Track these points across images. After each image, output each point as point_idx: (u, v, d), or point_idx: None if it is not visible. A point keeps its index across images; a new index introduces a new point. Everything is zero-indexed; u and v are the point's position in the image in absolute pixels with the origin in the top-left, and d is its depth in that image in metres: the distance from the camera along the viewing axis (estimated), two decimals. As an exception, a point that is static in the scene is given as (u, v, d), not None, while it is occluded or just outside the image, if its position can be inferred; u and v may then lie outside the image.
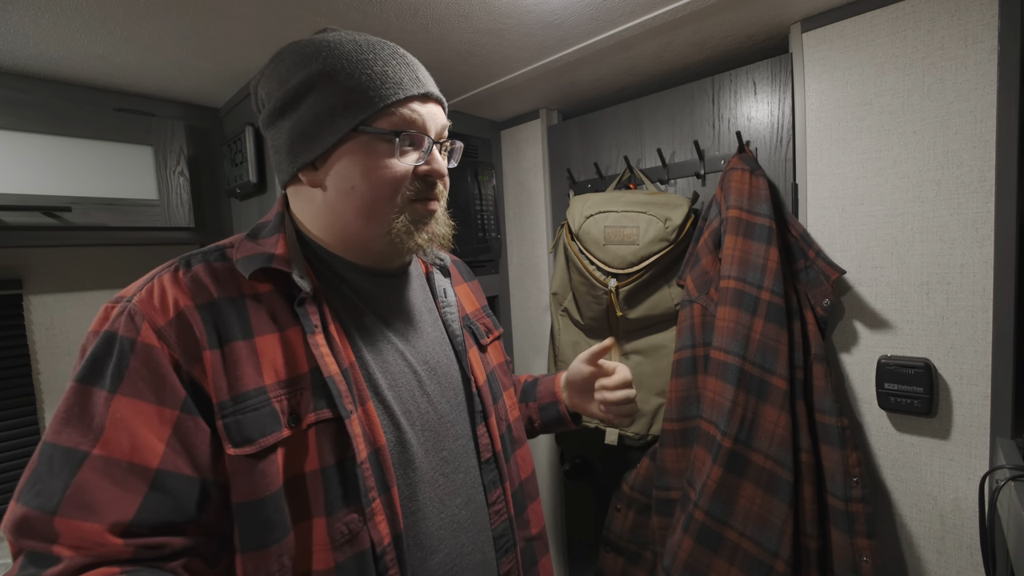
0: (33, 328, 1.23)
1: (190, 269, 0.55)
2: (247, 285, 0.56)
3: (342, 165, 0.58)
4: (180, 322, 0.51)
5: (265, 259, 0.56)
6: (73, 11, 0.83)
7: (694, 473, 0.96)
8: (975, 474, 0.86)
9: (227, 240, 0.62)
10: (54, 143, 1.06)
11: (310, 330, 0.56)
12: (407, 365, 0.65)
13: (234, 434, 0.50)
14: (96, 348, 0.49)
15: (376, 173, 0.58)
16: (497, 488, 0.69)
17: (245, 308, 0.55)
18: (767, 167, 1.07)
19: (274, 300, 0.57)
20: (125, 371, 0.48)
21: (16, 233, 1.01)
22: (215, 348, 0.52)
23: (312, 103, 0.57)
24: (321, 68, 0.56)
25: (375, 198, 0.59)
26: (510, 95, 1.36)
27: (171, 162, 1.22)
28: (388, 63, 0.58)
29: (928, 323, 0.90)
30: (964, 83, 0.83)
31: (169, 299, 0.52)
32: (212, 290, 0.54)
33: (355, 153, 0.58)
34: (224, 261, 0.58)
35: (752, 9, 0.96)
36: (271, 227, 0.62)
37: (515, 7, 0.91)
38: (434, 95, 0.62)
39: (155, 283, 0.53)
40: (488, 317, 0.83)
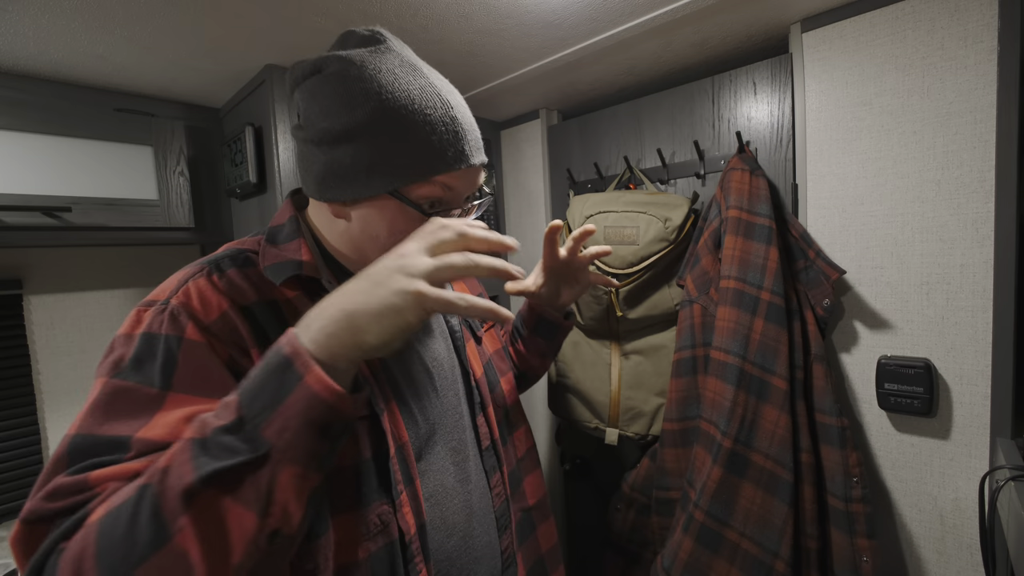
0: (33, 328, 1.23)
1: (224, 273, 0.55)
2: (278, 291, 0.57)
3: (370, 214, 0.58)
4: (225, 321, 0.52)
5: (294, 267, 0.57)
6: (73, 11, 0.83)
7: (694, 473, 0.96)
8: (975, 474, 0.86)
9: (243, 244, 0.61)
10: (54, 143, 1.06)
11: None
12: (421, 363, 0.67)
13: None
14: (138, 350, 0.48)
15: (402, 233, 0.56)
16: (496, 472, 0.73)
17: (281, 312, 0.56)
18: (767, 167, 1.07)
19: (305, 305, 0.57)
20: (174, 369, 0.48)
21: (16, 233, 1.01)
22: (262, 346, 0.52)
23: (352, 152, 0.55)
24: (368, 120, 0.54)
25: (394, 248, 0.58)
26: (510, 95, 1.36)
27: (171, 162, 1.22)
28: (435, 131, 0.55)
29: (928, 323, 0.90)
30: (964, 83, 0.83)
31: (211, 300, 0.52)
32: (249, 294, 0.55)
33: (385, 209, 0.57)
34: (252, 267, 0.58)
35: (752, 9, 0.96)
36: (288, 232, 0.62)
37: (515, 7, 0.91)
38: (478, 165, 0.60)
39: (191, 286, 0.53)
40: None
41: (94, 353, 1.31)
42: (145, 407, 0.46)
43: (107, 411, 0.46)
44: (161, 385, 0.47)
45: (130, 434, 0.45)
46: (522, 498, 0.78)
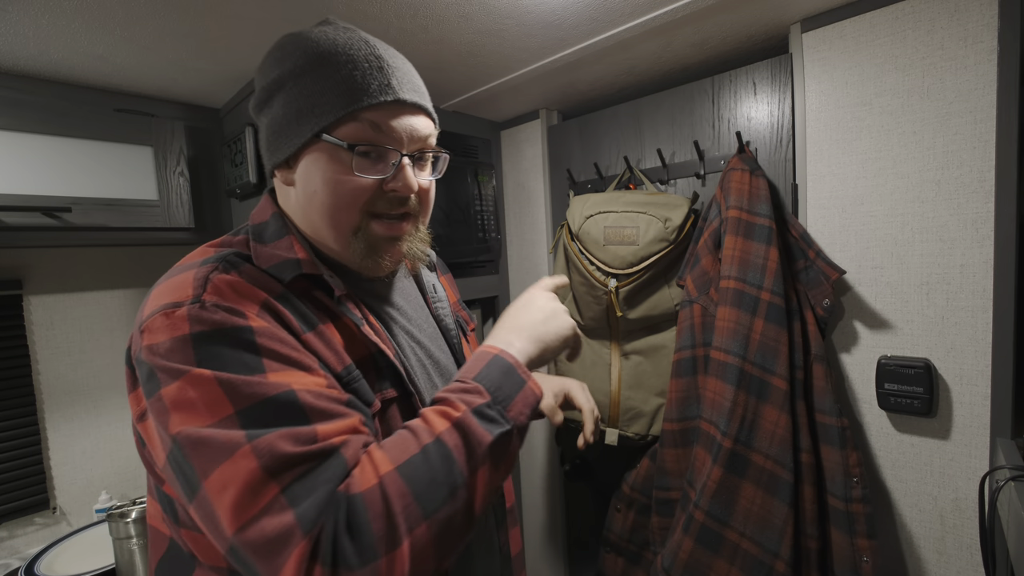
0: (33, 328, 1.23)
1: (239, 270, 0.53)
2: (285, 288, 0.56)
3: (306, 168, 0.57)
4: (270, 309, 0.51)
5: (295, 265, 0.56)
6: (73, 11, 0.83)
7: (694, 473, 0.96)
8: (975, 474, 0.86)
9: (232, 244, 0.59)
10: (54, 143, 1.06)
11: (359, 322, 0.57)
12: (426, 354, 0.68)
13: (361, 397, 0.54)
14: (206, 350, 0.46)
15: (335, 182, 0.56)
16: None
17: (296, 305, 0.55)
18: (767, 167, 1.07)
19: (310, 298, 0.57)
20: (261, 352, 0.47)
21: (16, 233, 1.01)
22: (310, 330, 0.53)
23: (283, 102, 0.56)
24: (293, 67, 0.55)
25: (335, 206, 0.57)
26: (510, 95, 1.36)
27: (171, 162, 1.22)
28: (358, 66, 0.55)
29: (928, 323, 0.90)
30: (964, 83, 0.83)
31: (245, 295, 0.51)
32: (272, 289, 0.54)
33: (318, 159, 0.56)
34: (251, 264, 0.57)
35: (752, 9, 0.96)
36: (274, 229, 0.60)
37: (515, 8, 0.91)
38: (410, 102, 0.58)
39: (215, 282, 0.50)
40: (464, 310, 0.86)
41: (94, 353, 1.31)
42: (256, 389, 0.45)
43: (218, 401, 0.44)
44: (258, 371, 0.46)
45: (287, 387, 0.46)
46: (501, 500, 0.78)
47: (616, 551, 1.20)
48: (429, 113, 0.62)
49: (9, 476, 1.18)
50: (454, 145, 1.45)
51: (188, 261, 0.56)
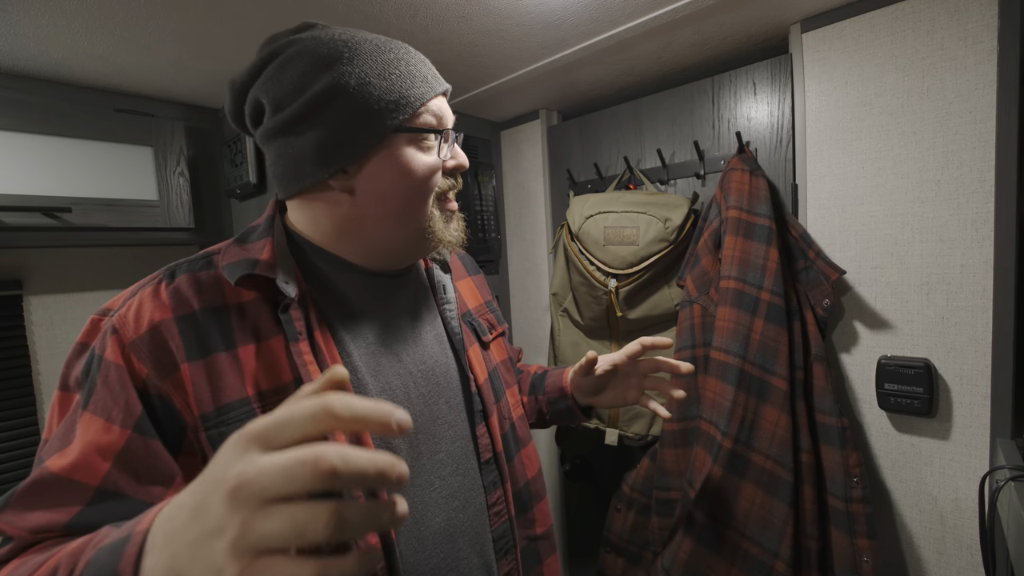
0: (33, 328, 1.23)
1: (173, 281, 0.54)
2: (232, 293, 0.55)
3: (376, 168, 0.57)
4: (153, 336, 0.50)
5: (249, 265, 0.54)
6: (73, 12, 0.83)
7: (694, 473, 0.96)
8: (975, 474, 0.86)
9: (218, 245, 0.60)
10: (54, 144, 1.06)
11: (293, 338, 0.54)
12: (402, 367, 0.63)
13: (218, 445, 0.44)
14: (86, 363, 0.50)
15: (413, 171, 0.58)
16: (497, 489, 0.68)
17: (228, 318, 0.54)
18: (767, 167, 1.07)
19: (259, 308, 0.55)
20: (93, 388, 0.49)
21: (16, 234, 1.01)
22: (195, 359, 0.51)
23: (346, 106, 0.55)
24: (349, 70, 0.55)
25: (411, 197, 0.59)
26: (510, 95, 1.36)
27: (171, 163, 1.22)
28: (411, 62, 0.58)
29: (928, 323, 0.90)
30: (964, 83, 0.83)
31: (145, 314, 0.51)
32: (193, 301, 0.53)
33: (391, 154, 0.57)
34: (210, 269, 0.56)
35: (752, 10, 0.96)
36: (260, 231, 0.60)
37: (515, 8, 0.91)
38: (446, 91, 0.63)
39: (136, 298, 0.52)
40: (492, 313, 0.81)
41: (94, 353, 1.31)
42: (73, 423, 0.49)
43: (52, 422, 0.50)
44: (83, 404, 0.49)
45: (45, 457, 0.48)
46: (530, 525, 0.72)
47: (616, 551, 1.20)
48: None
49: (9, 476, 1.18)
50: (454, 145, 1.45)
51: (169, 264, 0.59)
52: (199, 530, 0.31)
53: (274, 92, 0.56)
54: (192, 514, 0.32)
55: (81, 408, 0.48)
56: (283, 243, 0.60)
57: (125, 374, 0.49)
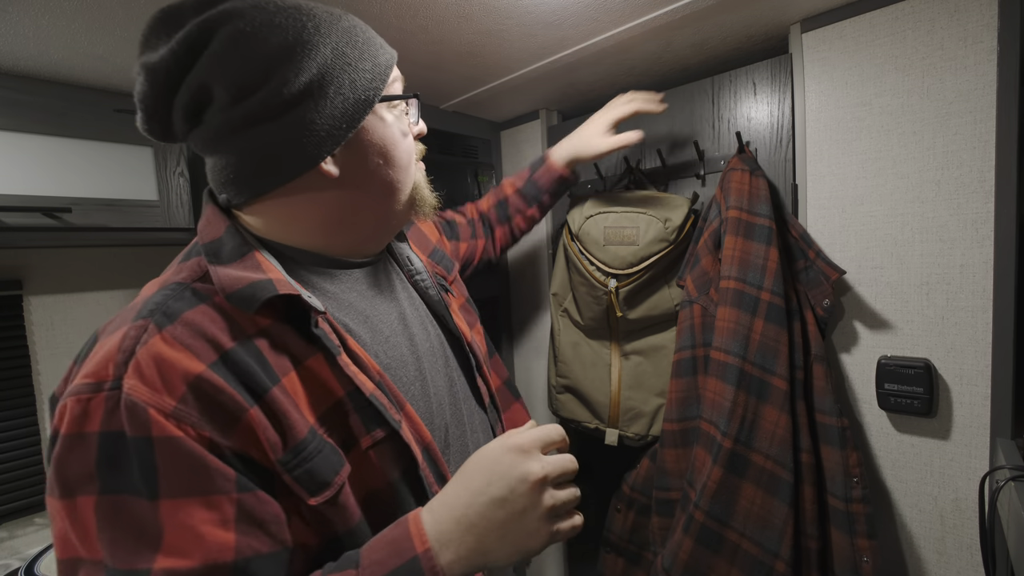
0: (33, 329, 1.23)
1: (175, 325, 0.45)
2: (247, 322, 0.48)
3: (362, 142, 0.55)
4: (198, 394, 0.43)
5: (266, 287, 0.48)
6: (73, 12, 0.83)
7: (694, 474, 0.96)
8: (975, 474, 0.86)
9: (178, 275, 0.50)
10: (54, 144, 1.06)
11: (335, 351, 0.50)
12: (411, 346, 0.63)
13: (308, 484, 0.46)
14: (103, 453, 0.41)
15: (395, 142, 0.57)
16: (499, 425, 0.76)
17: (258, 351, 0.47)
18: (767, 167, 1.07)
19: (282, 330, 0.50)
20: (156, 474, 0.41)
21: (16, 234, 1.01)
22: (255, 404, 0.45)
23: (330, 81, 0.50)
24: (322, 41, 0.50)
25: (398, 167, 0.58)
26: (510, 96, 1.36)
27: (171, 163, 1.22)
28: (366, 29, 0.56)
29: (928, 323, 0.90)
30: (964, 84, 0.83)
31: (172, 372, 0.42)
32: (221, 339, 0.46)
33: (375, 125, 0.56)
34: (203, 301, 0.48)
35: (752, 10, 0.96)
36: (232, 245, 0.51)
37: (515, 8, 0.91)
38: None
39: (141, 356, 0.42)
40: (439, 265, 0.79)
41: (94, 354, 1.31)
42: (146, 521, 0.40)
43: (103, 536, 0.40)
44: (149, 495, 0.40)
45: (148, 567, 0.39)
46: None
47: (616, 551, 1.20)
48: None
49: (9, 476, 1.18)
50: (454, 145, 1.45)
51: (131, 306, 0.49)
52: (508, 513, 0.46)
53: (232, 76, 0.47)
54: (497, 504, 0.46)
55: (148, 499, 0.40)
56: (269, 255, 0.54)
57: (192, 443, 0.42)
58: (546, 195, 1.13)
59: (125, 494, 0.40)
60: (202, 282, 0.49)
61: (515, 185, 1.14)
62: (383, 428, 0.52)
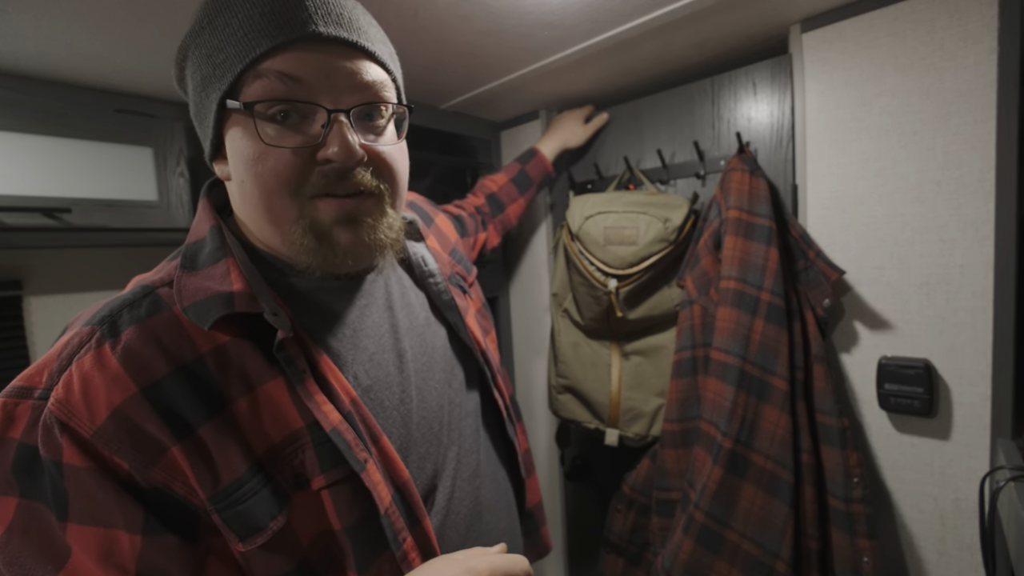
0: (33, 329, 1.23)
1: (118, 338, 0.41)
2: (203, 337, 0.44)
3: (230, 151, 0.46)
4: (119, 423, 0.40)
5: (223, 303, 0.43)
6: (73, 12, 0.83)
7: (694, 474, 0.96)
8: (975, 475, 0.86)
9: (156, 274, 0.47)
10: (54, 144, 1.06)
11: (298, 379, 0.45)
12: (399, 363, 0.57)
13: (238, 528, 0.42)
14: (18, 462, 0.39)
15: (253, 161, 0.44)
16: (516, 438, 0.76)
17: (207, 373, 0.43)
18: (767, 168, 1.07)
19: (242, 349, 0.45)
20: (66, 497, 0.38)
21: (16, 234, 1.01)
22: (185, 439, 0.41)
23: (191, 74, 0.46)
24: (191, 26, 0.46)
25: (264, 195, 0.45)
26: (510, 96, 1.36)
27: (171, 163, 1.22)
28: (258, 4, 0.42)
29: (928, 324, 0.90)
30: (964, 84, 0.83)
31: (96, 395, 0.39)
32: (157, 364, 0.41)
33: (235, 136, 0.45)
34: (160, 311, 0.44)
35: (752, 10, 0.96)
36: (210, 249, 0.48)
37: (515, 8, 0.91)
38: (333, 37, 0.43)
39: (74, 371, 0.40)
40: (460, 264, 0.76)
41: (94, 354, 1.31)
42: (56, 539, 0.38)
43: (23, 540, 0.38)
44: (59, 515, 0.38)
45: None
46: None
47: (616, 552, 1.20)
48: (373, 55, 0.47)
49: (9, 477, 1.18)
50: (454, 145, 1.45)
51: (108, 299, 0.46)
52: None
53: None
54: None
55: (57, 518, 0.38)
56: (246, 260, 0.48)
57: (101, 475, 0.39)
58: (534, 187, 1.25)
59: (40, 502, 0.39)
60: (170, 287, 0.46)
61: (505, 178, 1.21)
62: (341, 469, 0.46)
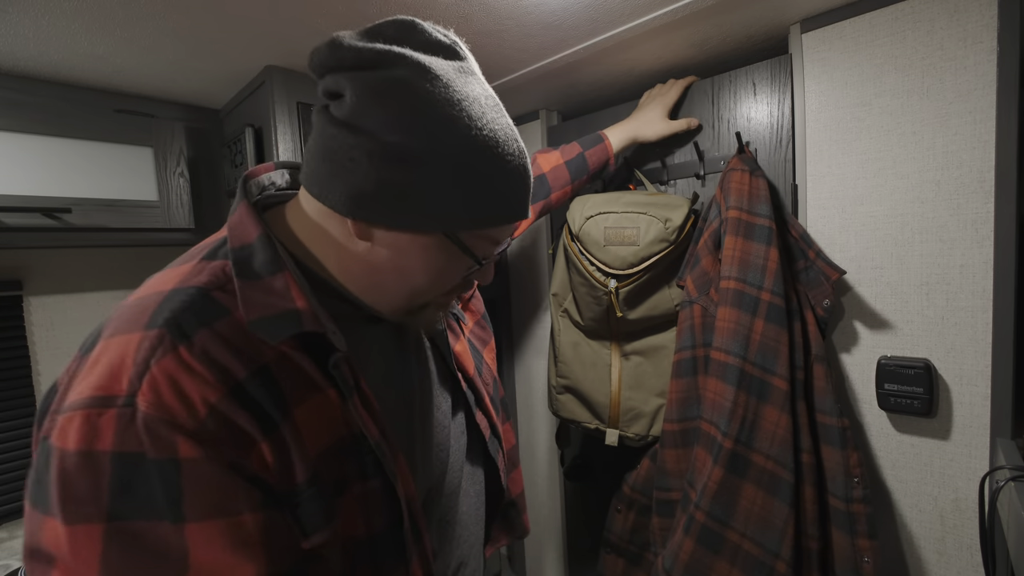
0: (33, 329, 1.23)
1: (191, 341, 0.42)
2: (267, 347, 0.46)
3: (408, 247, 0.51)
4: (218, 418, 0.41)
5: (293, 321, 0.46)
6: (74, 13, 0.83)
7: (695, 474, 0.96)
8: (975, 474, 0.86)
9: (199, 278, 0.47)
10: (54, 144, 1.06)
11: (349, 393, 0.49)
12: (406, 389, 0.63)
13: (307, 524, 0.45)
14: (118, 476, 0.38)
15: (438, 272, 0.54)
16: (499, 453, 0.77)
17: (274, 379, 0.45)
18: (767, 168, 1.07)
19: (301, 358, 0.48)
20: (182, 496, 0.38)
21: (16, 234, 1.01)
22: (270, 434, 0.44)
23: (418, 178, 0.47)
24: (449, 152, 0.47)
25: (422, 289, 0.55)
26: (510, 96, 1.36)
27: (171, 163, 1.22)
28: (509, 179, 0.51)
29: (928, 323, 0.90)
30: (963, 84, 0.83)
31: (192, 393, 0.40)
32: (235, 368, 0.43)
33: (429, 246, 0.51)
34: (223, 316, 0.45)
35: (752, 10, 0.96)
36: (263, 260, 0.48)
37: (515, 8, 0.91)
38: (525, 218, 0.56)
39: (157, 373, 0.40)
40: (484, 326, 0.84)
41: (94, 354, 1.31)
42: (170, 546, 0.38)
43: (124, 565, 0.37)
44: (174, 518, 0.38)
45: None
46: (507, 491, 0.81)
47: (616, 552, 1.20)
48: None
49: (9, 476, 1.18)
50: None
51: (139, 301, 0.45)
52: None
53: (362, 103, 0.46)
54: None
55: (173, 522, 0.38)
56: (300, 276, 0.50)
57: (218, 463, 0.40)
58: (587, 176, 1.13)
59: (141, 520, 0.38)
60: (223, 291, 0.46)
61: (559, 160, 1.11)
62: (379, 477, 0.51)
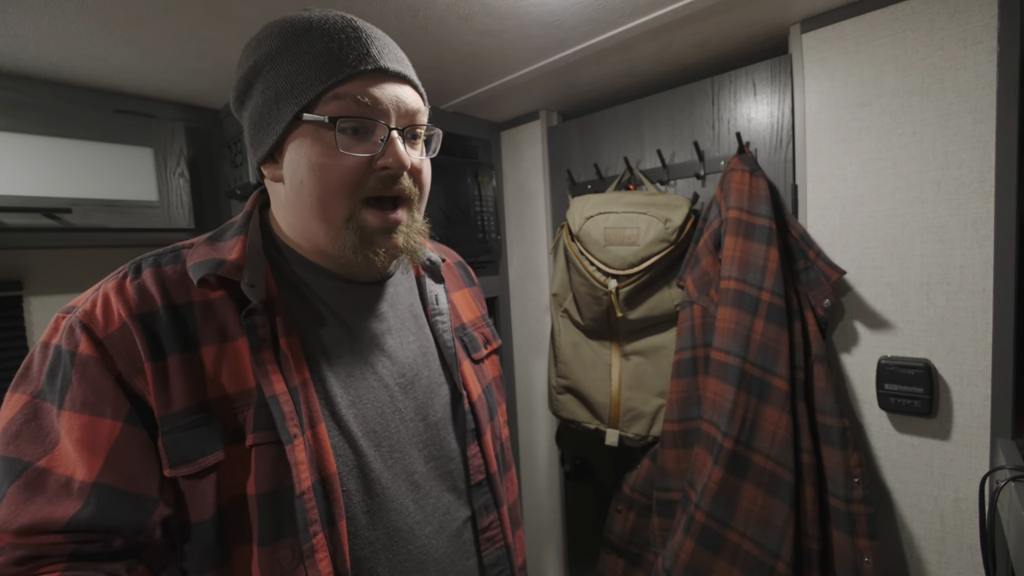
0: (33, 329, 1.23)
1: (138, 276, 0.53)
2: (198, 291, 0.53)
3: (292, 156, 0.54)
4: (123, 334, 0.49)
5: (213, 266, 0.52)
6: (73, 13, 0.83)
7: (695, 474, 0.96)
8: (975, 475, 0.86)
9: (192, 239, 0.59)
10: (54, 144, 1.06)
11: (256, 345, 0.52)
12: (377, 379, 0.59)
13: (171, 453, 0.48)
14: (48, 361, 0.48)
15: (321, 166, 0.53)
16: (492, 513, 0.65)
17: (192, 317, 0.52)
18: (767, 168, 1.07)
19: (226, 307, 0.53)
20: (68, 385, 0.47)
21: (16, 235, 1.01)
22: (156, 360, 0.49)
23: (262, 89, 0.54)
24: (267, 50, 0.54)
25: (323, 194, 0.53)
26: (510, 96, 1.36)
27: (171, 163, 1.22)
28: (335, 38, 0.52)
29: (928, 324, 0.90)
30: (964, 84, 0.83)
31: (113, 309, 0.50)
32: (156, 299, 0.51)
33: (302, 144, 0.53)
34: (177, 263, 0.55)
35: (752, 10, 0.96)
36: (235, 228, 0.58)
37: (515, 8, 0.91)
38: (392, 71, 0.54)
39: (100, 293, 0.51)
40: (488, 327, 0.77)
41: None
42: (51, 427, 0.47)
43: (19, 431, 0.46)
44: (59, 403, 0.47)
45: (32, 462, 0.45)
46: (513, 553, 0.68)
47: (617, 552, 1.20)
48: (416, 86, 0.58)
49: (9, 477, 1.18)
50: (454, 146, 1.45)
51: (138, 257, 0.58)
52: None
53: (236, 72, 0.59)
54: None
55: (57, 407, 0.47)
56: (257, 242, 0.57)
57: (104, 366, 0.48)
58: None
59: (48, 402, 0.47)
60: (190, 248, 0.57)
61: None
62: (270, 435, 0.51)
